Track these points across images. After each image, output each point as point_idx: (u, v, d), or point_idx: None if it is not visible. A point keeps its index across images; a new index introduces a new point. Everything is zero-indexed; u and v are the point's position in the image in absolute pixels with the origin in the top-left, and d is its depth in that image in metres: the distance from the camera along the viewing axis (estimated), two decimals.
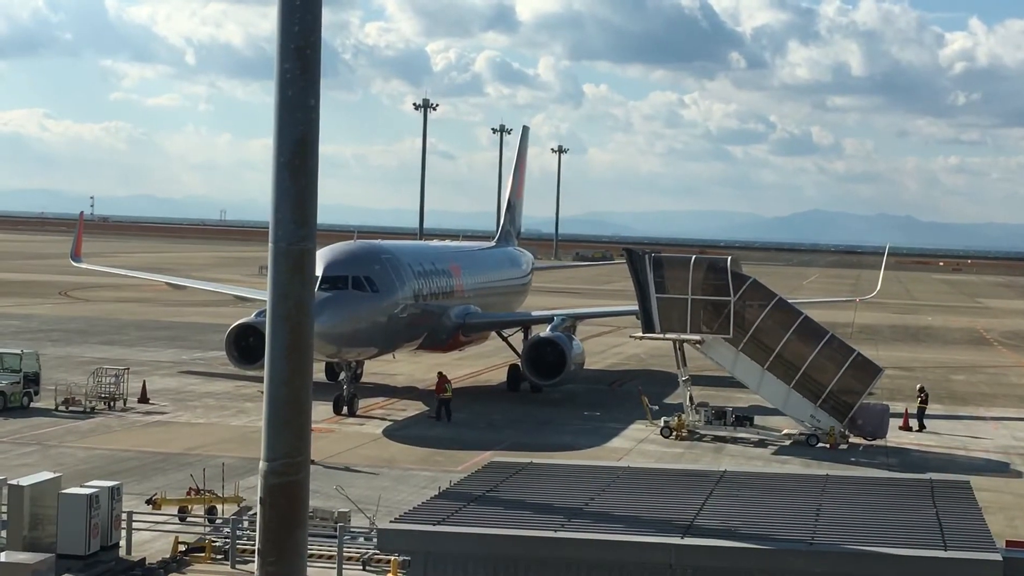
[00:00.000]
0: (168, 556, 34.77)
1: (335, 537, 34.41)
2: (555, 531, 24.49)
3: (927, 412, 62.74)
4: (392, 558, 33.51)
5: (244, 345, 63.84)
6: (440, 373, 61.53)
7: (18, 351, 60.25)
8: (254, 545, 14.59)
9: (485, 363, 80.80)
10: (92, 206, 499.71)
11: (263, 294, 66.15)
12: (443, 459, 49.89)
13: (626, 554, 23.93)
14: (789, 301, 60.41)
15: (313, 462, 27.38)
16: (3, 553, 30.69)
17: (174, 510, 38.26)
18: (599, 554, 23.99)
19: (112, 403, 59.29)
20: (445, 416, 58.81)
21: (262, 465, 14.07)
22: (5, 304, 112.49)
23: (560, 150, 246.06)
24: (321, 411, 56.97)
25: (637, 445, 55.10)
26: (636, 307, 59.02)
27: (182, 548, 35.35)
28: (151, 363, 75.37)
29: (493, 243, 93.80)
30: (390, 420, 58.96)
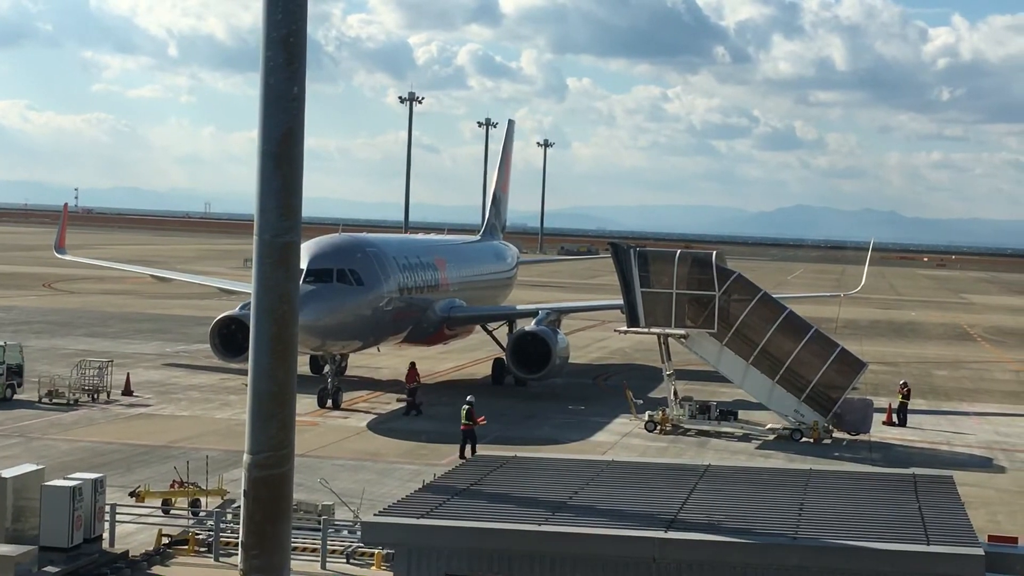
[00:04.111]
0: (151, 549, 34.69)
1: (319, 530, 34.40)
2: (539, 525, 24.51)
3: (909, 408, 62.87)
4: (376, 551, 33.52)
5: (228, 338, 63.72)
6: (412, 364, 61.59)
7: (1, 343, 60.02)
8: (238, 538, 14.56)
9: (470, 357, 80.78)
10: (76, 198, 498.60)
11: (248, 287, 66.05)
12: (427, 452, 49.87)
13: (610, 548, 23.96)
14: (774, 296, 60.48)
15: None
16: None
17: (158, 503, 38.19)
18: (583, 548, 24.02)
19: (96, 395, 59.13)
20: (407, 410, 58.75)
21: (246, 458, 14.05)
22: None
23: (545, 144, 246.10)
24: (305, 404, 56.90)
25: (621, 439, 55.14)
26: (621, 301, 59.05)
27: (166, 541, 35.27)
28: (135, 355, 75.20)
29: (478, 237, 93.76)
30: (374, 413, 58.93)
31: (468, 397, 51.23)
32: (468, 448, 48.47)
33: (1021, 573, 25.63)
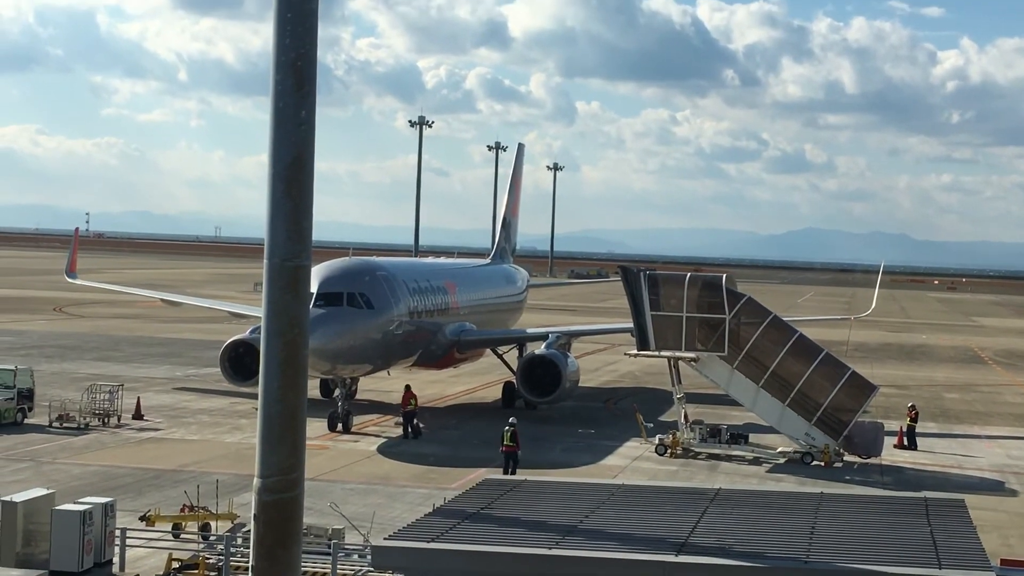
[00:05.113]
0: (161, 573, 34.68)
1: (329, 554, 34.36)
2: (549, 549, 24.44)
3: (916, 430, 62.76)
4: (386, 575, 33.46)
5: (239, 362, 63.80)
6: (407, 386, 61.38)
7: (12, 367, 60.14)
8: (248, 562, 14.54)
9: (480, 380, 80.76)
10: (87, 222, 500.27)
11: (258, 311, 66.04)
12: (437, 476, 49.84)
13: (620, 572, 23.88)
14: (784, 319, 60.43)
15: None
16: None
17: (168, 527, 38.19)
18: (593, 572, 23.94)
19: (106, 419, 59.18)
20: (412, 434, 58.70)
21: (256, 482, 14.03)
22: (0, 320, 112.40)
23: (555, 167, 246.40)
24: (316, 428, 56.92)
25: (632, 463, 55.05)
26: (631, 324, 59.04)
27: (176, 565, 35.26)
28: (146, 379, 75.27)
29: (488, 260, 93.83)
30: (384, 437, 58.89)
31: (511, 419, 52.08)
32: (510, 470, 48.82)
33: None
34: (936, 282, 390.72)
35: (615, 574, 23.88)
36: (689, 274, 60.83)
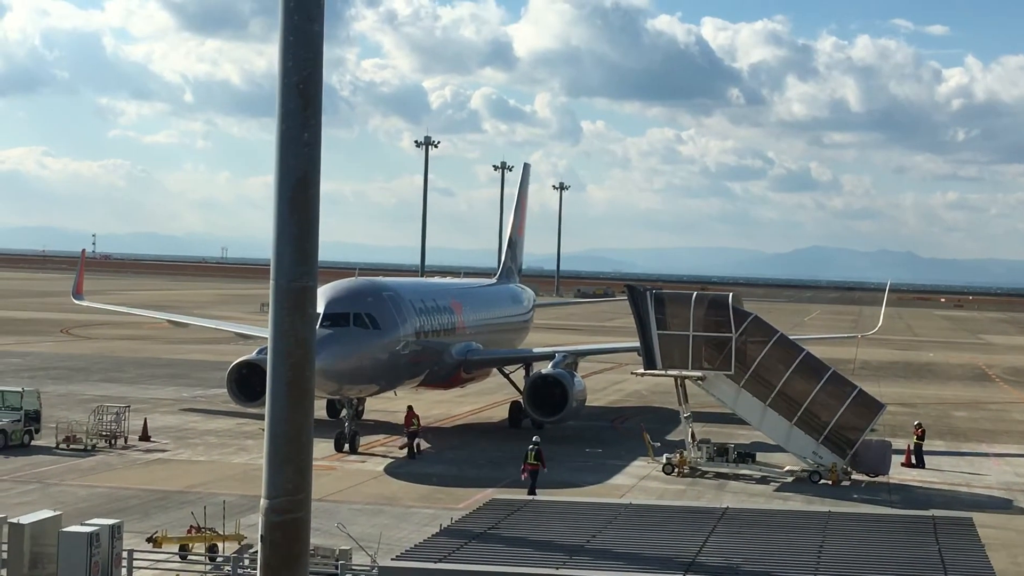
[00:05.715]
0: None
1: (336, 575, 34.32)
2: (557, 568, 24.42)
3: (924, 448, 62.63)
4: None
5: (245, 382, 63.79)
6: (409, 407, 61.27)
7: (19, 389, 60.18)
8: None
9: (487, 400, 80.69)
10: (94, 243, 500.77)
11: (264, 331, 66.11)
12: (444, 496, 49.76)
13: None
14: (790, 337, 60.38)
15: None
16: None
17: (175, 548, 38.15)
18: None
19: (113, 441, 59.18)
20: (416, 454, 58.63)
21: (263, 502, 14.02)
22: (6, 342, 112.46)
23: (561, 187, 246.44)
24: (322, 448, 56.87)
25: (639, 482, 54.96)
26: (638, 344, 59.02)
27: None
28: (152, 400, 75.27)
29: (495, 280, 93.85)
30: (391, 457, 58.83)
31: (535, 437, 52.20)
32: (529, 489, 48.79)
33: None
34: (943, 300, 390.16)
35: None
36: (695, 293, 60.81)
